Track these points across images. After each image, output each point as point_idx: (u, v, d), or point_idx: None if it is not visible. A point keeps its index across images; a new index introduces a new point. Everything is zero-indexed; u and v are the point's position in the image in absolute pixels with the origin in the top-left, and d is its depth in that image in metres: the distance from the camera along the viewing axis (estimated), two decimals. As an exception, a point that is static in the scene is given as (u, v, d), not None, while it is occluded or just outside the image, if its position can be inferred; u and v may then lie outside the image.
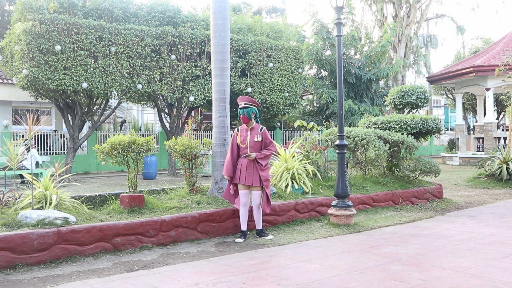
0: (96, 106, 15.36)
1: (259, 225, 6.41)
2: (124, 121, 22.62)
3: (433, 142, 30.17)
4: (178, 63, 15.02)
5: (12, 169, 7.65)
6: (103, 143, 6.85)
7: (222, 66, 7.35)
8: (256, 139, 6.29)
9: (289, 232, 6.74)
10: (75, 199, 6.50)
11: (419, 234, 6.60)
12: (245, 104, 6.33)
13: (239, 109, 6.37)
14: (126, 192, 6.73)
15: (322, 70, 23.74)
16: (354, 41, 22.89)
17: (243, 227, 6.31)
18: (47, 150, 17.13)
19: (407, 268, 4.82)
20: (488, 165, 12.97)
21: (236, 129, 6.50)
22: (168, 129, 16.44)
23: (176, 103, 15.82)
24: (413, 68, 29.77)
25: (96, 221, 5.64)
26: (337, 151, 7.47)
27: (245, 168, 6.22)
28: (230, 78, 13.19)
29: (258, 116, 6.50)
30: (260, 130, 6.37)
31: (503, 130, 25.99)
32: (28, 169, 11.23)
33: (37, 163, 12.82)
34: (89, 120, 16.08)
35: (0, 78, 17.33)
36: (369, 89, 23.19)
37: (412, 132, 10.83)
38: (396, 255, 5.38)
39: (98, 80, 13.55)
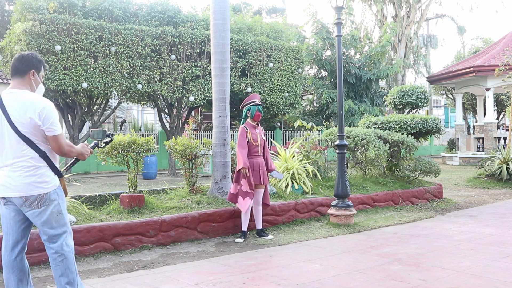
0: (96, 106, 15.36)
1: (259, 225, 6.41)
2: (124, 121, 22.61)
3: (433, 142, 30.18)
4: (178, 63, 15.02)
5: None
6: (103, 143, 6.85)
7: (222, 66, 7.35)
8: (264, 138, 6.44)
9: (289, 232, 6.74)
10: (75, 199, 6.49)
11: (419, 234, 6.60)
12: (258, 101, 6.44)
13: (254, 106, 6.34)
14: (126, 192, 6.73)
15: (322, 70, 23.75)
16: (354, 41, 22.89)
17: (244, 227, 6.30)
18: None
19: (407, 268, 4.82)
20: (488, 165, 12.97)
21: (243, 126, 6.36)
22: (168, 129, 16.43)
23: (176, 103, 15.83)
24: (413, 68, 29.78)
25: (96, 221, 5.64)
26: (337, 151, 7.47)
27: (258, 167, 6.27)
28: (230, 78, 13.19)
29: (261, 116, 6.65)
30: (263, 130, 6.52)
31: (503, 129, 25.98)
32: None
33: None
34: (89, 120, 16.08)
35: (0, 78, 17.33)
36: (369, 89, 23.19)
37: (412, 132, 10.83)
38: (396, 255, 5.38)
39: (98, 80, 13.56)
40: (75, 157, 3.53)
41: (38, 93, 3.42)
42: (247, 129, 6.31)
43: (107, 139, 3.78)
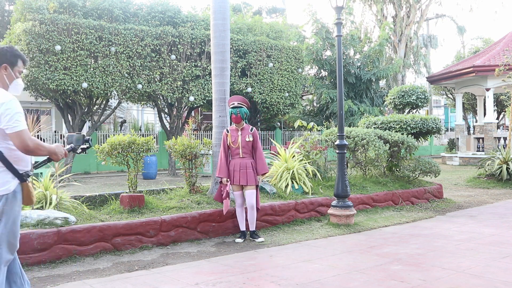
0: (96, 106, 15.36)
1: (253, 226, 6.29)
2: (124, 121, 22.61)
3: (433, 142, 30.18)
4: (178, 63, 15.02)
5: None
6: (103, 143, 6.85)
7: (222, 66, 7.36)
8: (247, 139, 6.24)
9: (289, 232, 6.74)
10: (75, 199, 6.50)
11: (419, 234, 6.60)
12: (238, 103, 6.27)
13: (231, 108, 6.28)
14: (126, 192, 6.73)
15: (322, 70, 23.76)
16: (354, 41, 22.90)
17: (242, 227, 6.29)
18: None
19: (407, 268, 4.82)
20: (488, 165, 12.97)
21: (225, 129, 6.44)
22: (168, 129, 16.43)
23: (176, 103, 15.83)
24: (413, 68, 29.78)
25: (96, 221, 5.64)
26: (337, 151, 7.47)
27: (239, 168, 6.18)
28: (230, 78, 13.19)
29: (248, 117, 6.46)
30: (251, 130, 6.31)
31: (503, 129, 26.00)
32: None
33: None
34: (89, 120, 16.08)
35: (0, 78, 17.31)
36: (368, 89, 23.20)
37: (412, 132, 10.83)
38: (396, 255, 5.38)
39: (98, 80, 13.56)
40: (47, 157, 3.22)
41: (14, 90, 3.21)
42: (227, 132, 6.33)
43: (85, 145, 3.53)
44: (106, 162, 6.63)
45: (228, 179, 6.21)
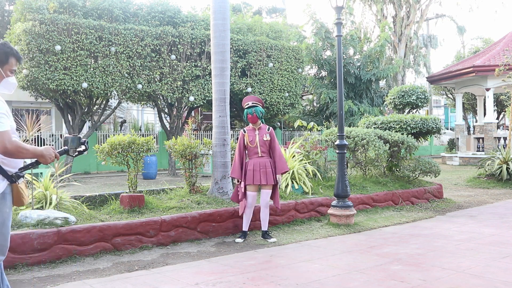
0: (96, 106, 15.36)
1: (265, 226, 6.29)
2: (124, 121, 22.61)
3: (433, 142, 30.17)
4: (178, 63, 15.02)
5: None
6: (103, 143, 6.86)
7: (222, 66, 7.36)
8: (265, 139, 6.24)
9: (289, 232, 6.74)
10: (75, 199, 6.50)
11: (419, 234, 6.60)
12: (252, 103, 6.25)
13: (246, 109, 6.26)
14: (126, 192, 6.73)
15: (321, 70, 23.76)
16: (353, 41, 22.90)
17: (245, 227, 6.28)
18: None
19: (407, 268, 4.82)
20: (488, 165, 12.97)
21: (242, 130, 6.41)
22: (168, 129, 16.43)
23: (176, 103, 15.83)
24: (413, 68, 29.79)
25: (96, 221, 5.64)
26: (337, 151, 7.48)
27: (259, 167, 6.14)
28: (230, 78, 13.19)
29: (263, 115, 6.46)
30: (268, 130, 6.32)
31: (503, 129, 25.99)
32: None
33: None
34: (89, 120, 16.07)
35: (0, 78, 17.31)
36: (368, 90, 23.19)
37: (412, 132, 10.83)
38: (396, 255, 5.38)
39: (98, 80, 13.56)
40: (35, 159, 3.04)
41: (4, 89, 3.10)
42: (244, 132, 6.31)
43: (81, 148, 3.35)
44: (106, 162, 6.64)
45: (240, 180, 6.16)
